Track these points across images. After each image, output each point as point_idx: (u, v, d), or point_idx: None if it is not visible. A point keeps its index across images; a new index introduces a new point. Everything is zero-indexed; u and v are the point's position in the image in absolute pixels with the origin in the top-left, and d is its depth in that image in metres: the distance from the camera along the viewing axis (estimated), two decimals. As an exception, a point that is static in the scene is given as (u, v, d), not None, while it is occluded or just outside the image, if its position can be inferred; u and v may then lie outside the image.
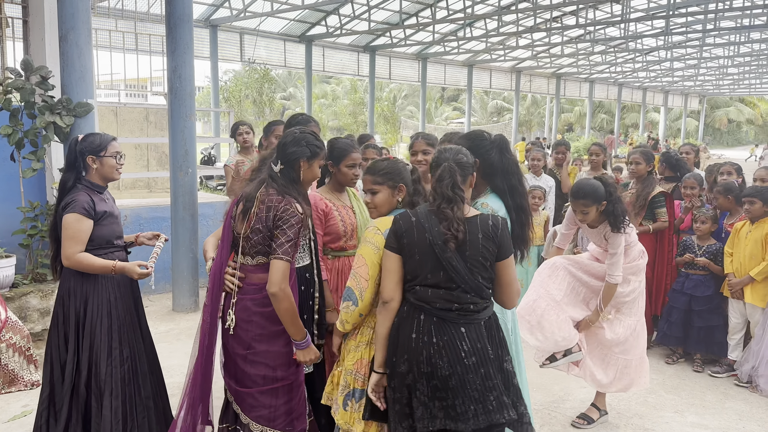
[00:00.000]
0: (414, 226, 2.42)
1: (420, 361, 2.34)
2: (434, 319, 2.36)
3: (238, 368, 2.67)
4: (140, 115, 8.31)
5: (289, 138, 2.70)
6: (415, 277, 2.41)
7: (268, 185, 2.66)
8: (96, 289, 3.08)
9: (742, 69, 32.22)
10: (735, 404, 4.33)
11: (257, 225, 2.60)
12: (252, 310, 2.64)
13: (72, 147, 3.12)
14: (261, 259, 2.65)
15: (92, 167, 3.12)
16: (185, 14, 5.95)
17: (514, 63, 27.01)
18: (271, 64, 19.89)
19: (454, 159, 2.49)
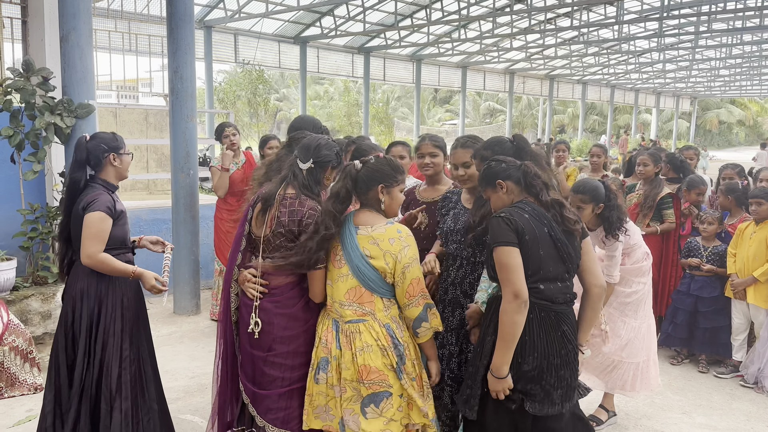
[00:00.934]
0: (531, 222, 2.46)
1: (550, 354, 2.46)
2: (552, 315, 2.48)
3: (256, 370, 2.65)
4: (140, 117, 8.25)
5: (323, 141, 2.72)
6: (537, 272, 2.44)
7: (289, 183, 2.64)
8: (110, 290, 3.05)
9: (733, 71, 32.47)
10: (742, 405, 4.34)
11: (279, 229, 2.59)
12: (273, 312, 2.62)
13: (82, 145, 3.09)
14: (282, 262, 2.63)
15: (112, 165, 3.12)
16: (186, 15, 5.91)
17: (507, 65, 27.09)
18: (266, 66, 19.84)
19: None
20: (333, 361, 2.51)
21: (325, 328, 2.57)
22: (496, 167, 2.62)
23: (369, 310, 2.51)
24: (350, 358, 2.48)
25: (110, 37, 12.91)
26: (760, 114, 48.65)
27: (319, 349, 2.57)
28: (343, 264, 2.51)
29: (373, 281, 2.49)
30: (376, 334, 2.48)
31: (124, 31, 13.71)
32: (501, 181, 2.59)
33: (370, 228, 2.52)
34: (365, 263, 2.48)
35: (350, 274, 2.50)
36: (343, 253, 2.51)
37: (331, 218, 2.49)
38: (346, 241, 2.51)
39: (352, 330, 2.50)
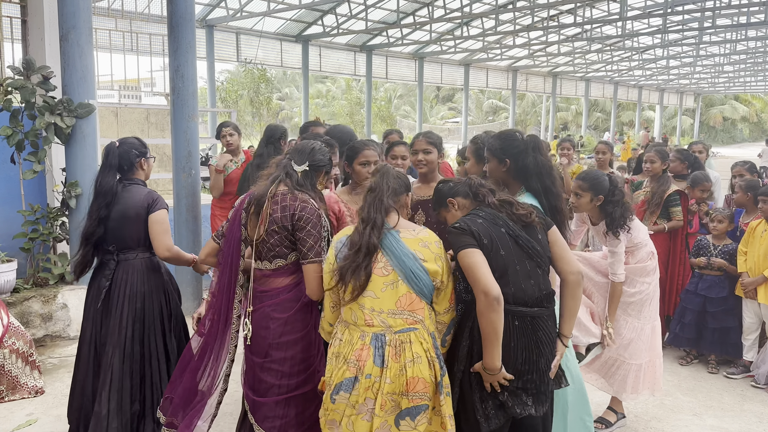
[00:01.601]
0: (486, 225, 2.45)
1: (518, 362, 2.43)
2: (528, 321, 2.45)
3: (255, 377, 2.60)
4: (141, 116, 8.19)
5: (317, 146, 2.72)
6: (504, 274, 2.41)
7: (281, 182, 2.59)
8: (171, 283, 3.36)
9: (737, 67, 32.27)
10: (753, 406, 4.26)
11: (272, 227, 2.53)
12: (270, 317, 2.56)
13: (113, 151, 3.26)
14: (280, 263, 2.58)
15: (142, 169, 3.35)
16: (187, 13, 5.84)
17: (510, 62, 26.96)
18: (268, 64, 19.75)
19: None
20: (364, 380, 2.33)
21: (357, 346, 2.37)
22: (443, 188, 2.69)
23: (420, 317, 2.40)
24: (398, 371, 2.33)
25: (111, 37, 12.86)
26: (764, 110, 48.44)
27: (343, 369, 2.37)
28: (390, 271, 2.37)
29: (427, 286, 2.39)
30: (426, 344, 2.39)
31: (125, 30, 13.65)
32: (451, 199, 2.65)
33: (413, 231, 2.45)
34: (420, 267, 2.37)
35: (400, 280, 2.37)
36: (390, 260, 2.37)
37: (384, 211, 2.41)
38: (392, 246, 2.38)
39: (402, 340, 2.36)
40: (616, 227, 3.52)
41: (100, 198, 3.21)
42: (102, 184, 3.20)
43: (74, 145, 5.26)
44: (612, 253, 3.58)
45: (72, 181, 5.25)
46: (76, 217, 5.33)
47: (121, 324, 3.17)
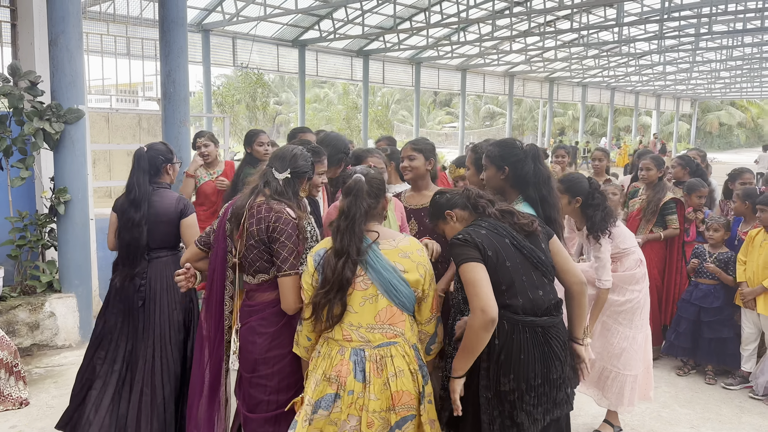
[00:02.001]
0: (490, 236, 2.40)
1: (530, 377, 2.36)
2: (539, 331, 2.40)
3: (245, 392, 2.53)
4: (132, 121, 8.11)
5: (298, 152, 2.62)
6: (511, 285, 2.37)
7: (259, 192, 2.52)
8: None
9: (733, 73, 32.33)
10: (752, 418, 4.19)
11: (250, 241, 2.46)
12: (257, 331, 2.49)
13: (143, 156, 3.40)
14: (263, 277, 2.51)
15: (168, 174, 3.53)
16: (179, 17, 5.79)
17: (507, 67, 26.96)
18: (265, 69, 19.70)
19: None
20: (346, 396, 2.26)
21: (336, 361, 2.30)
22: (440, 200, 2.65)
23: (400, 330, 2.34)
24: (381, 386, 2.27)
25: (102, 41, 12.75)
26: (760, 116, 48.54)
27: (322, 385, 2.29)
28: (369, 285, 2.30)
29: (407, 297, 2.33)
30: (407, 357, 2.33)
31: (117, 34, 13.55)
32: (449, 211, 2.60)
33: (393, 241, 2.38)
34: (400, 279, 2.31)
35: (380, 294, 2.30)
36: (368, 273, 2.30)
37: (358, 240, 2.30)
38: (371, 261, 2.31)
39: (382, 354, 2.29)
40: (597, 231, 3.46)
41: (135, 204, 3.35)
42: (141, 190, 3.35)
43: (63, 151, 5.18)
44: (596, 259, 3.52)
45: (61, 187, 5.17)
46: (65, 223, 5.25)
47: (162, 317, 3.36)
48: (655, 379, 4.74)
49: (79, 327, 5.33)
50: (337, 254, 2.28)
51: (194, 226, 3.43)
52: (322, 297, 2.27)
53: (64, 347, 5.24)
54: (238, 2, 16.36)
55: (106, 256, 6.07)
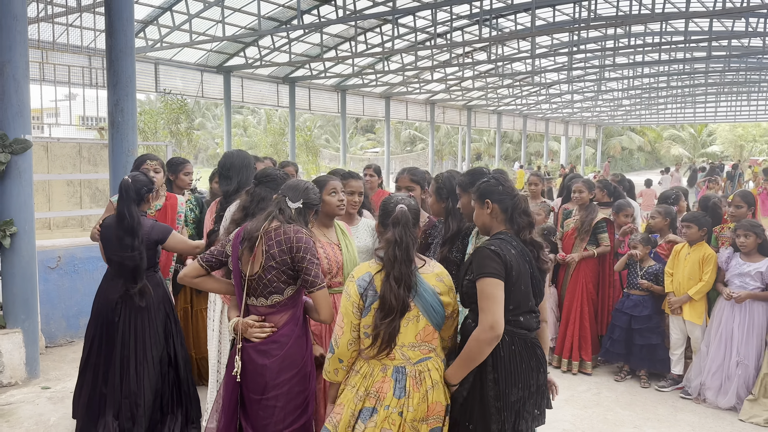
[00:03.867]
0: (517, 257, 2.54)
1: (530, 384, 2.57)
2: (530, 342, 2.63)
3: (253, 413, 2.60)
4: (73, 150, 7.87)
5: (309, 185, 2.81)
6: (518, 306, 2.55)
7: (274, 218, 2.63)
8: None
9: (633, 101, 35.02)
10: (686, 416, 4.64)
11: (269, 263, 2.56)
12: (268, 354, 2.58)
13: (130, 186, 3.65)
14: (277, 298, 2.61)
15: (148, 203, 3.86)
16: (127, 47, 5.76)
17: (428, 95, 27.88)
18: (188, 95, 19.39)
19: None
20: (382, 411, 2.42)
21: (378, 379, 2.47)
22: (493, 186, 2.71)
23: (433, 347, 2.54)
24: (419, 399, 2.45)
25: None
26: (656, 140, 52.48)
27: (364, 401, 2.46)
28: (413, 307, 2.46)
29: (442, 317, 2.53)
30: (440, 370, 2.53)
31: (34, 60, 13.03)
32: (489, 201, 2.68)
33: (429, 266, 2.57)
34: (438, 301, 2.50)
35: (421, 315, 2.48)
36: (414, 297, 2.46)
37: (414, 267, 2.48)
38: (416, 285, 2.46)
39: (420, 369, 2.48)
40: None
41: (135, 230, 3.62)
42: (134, 218, 3.61)
43: (9, 182, 5.03)
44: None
45: (6, 219, 5.00)
46: (10, 257, 5.08)
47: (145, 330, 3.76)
48: (596, 385, 5.18)
49: (25, 363, 5.12)
50: (397, 281, 2.42)
51: (179, 243, 3.85)
52: (387, 325, 2.40)
53: (9, 385, 5.02)
54: (162, 29, 16.15)
55: (47, 289, 5.89)
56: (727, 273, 4.90)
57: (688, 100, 34.42)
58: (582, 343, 5.55)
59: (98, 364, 3.82)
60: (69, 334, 6.18)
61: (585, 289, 5.63)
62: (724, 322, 4.86)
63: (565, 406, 4.75)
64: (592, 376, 5.47)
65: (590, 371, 5.51)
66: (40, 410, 4.61)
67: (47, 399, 4.82)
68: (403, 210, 2.52)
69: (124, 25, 5.71)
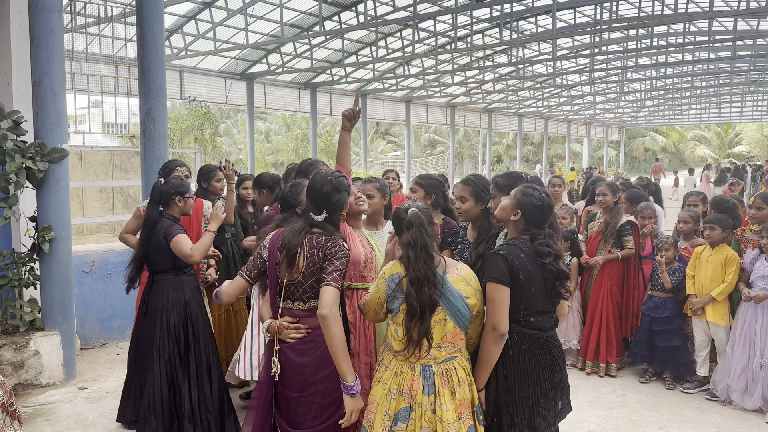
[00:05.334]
0: (526, 260, 2.66)
1: (542, 381, 2.67)
2: (542, 342, 2.75)
3: (290, 409, 2.70)
4: (105, 158, 8.11)
5: (328, 186, 2.73)
6: (529, 306, 2.68)
7: (309, 233, 2.71)
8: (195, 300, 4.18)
9: (656, 102, 34.63)
10: (711, 418, 4.65)
11: (309, 269, 2.66)
12: (306, 354, 2.68)
13: (156, 188, 4.01)
14: (314, 303, 2.69)
15: (178, 206, 4.02)
16: (158, 58, 5.95)
17: (448, 99, 27.89)
18: (212, 102, 19.72)
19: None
20: (417, 409, 2.51)
21: (408, 377, 2.56)
22: (534, 206, 2.77)
23: (459, 347, 2.64)
24: (449, 396, 2.53)
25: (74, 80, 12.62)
26: (680, 141, 51.80)
27: (398, 400, 2.55)
28: (440, 310, 2.54)
29: (468, 319, 2.61)
30: (466, 369, 2.63)
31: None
32: (520, 213, 2.79)
33: (456, 269, 2.64)
34: (465, 305, 2.58)
35: (448, 318, 2.56)
36: (441, 300, 2.54)
37: (434, 264, 2.55)
38: (443, 289, 2.54)
39: (447, 368, 2.58)
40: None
41: (145, 228, 3.99)
42: (147, 216, 4.01)
43: (47, 190, 5.23)
44: None
45: (45, 225, 5.19)
46: (48, 261, 5.27)
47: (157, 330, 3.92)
48: (621, 387, 5.21)
49: (63, 364, 5.31)
50: (412, 283, 2.50)
51: (177, 244, 3.83)
52: (417, 325, 2.49)
53: (48, 386, 5.21)
54: (186, 37, 16.46)
55: (81, 293, 6.08)
56: (752, 274, 4.90)
57: (712, 100, 33.93)
58: (607, 346, 5.57)
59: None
60: (103, 336, 6.37)
61: (610, 291, 5.66)
62: (748, 323, 4.86)
63: (590, 408, 4.79)
64: (617, 378, 5.49)
65: (615, 373, 5.53)
66: (78, 410, 4.78)
67: (84, 399, 5.00)
68: (414, 212, 2.60)
69: (155, 37, 5.90)
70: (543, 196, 2.83)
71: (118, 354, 6.08)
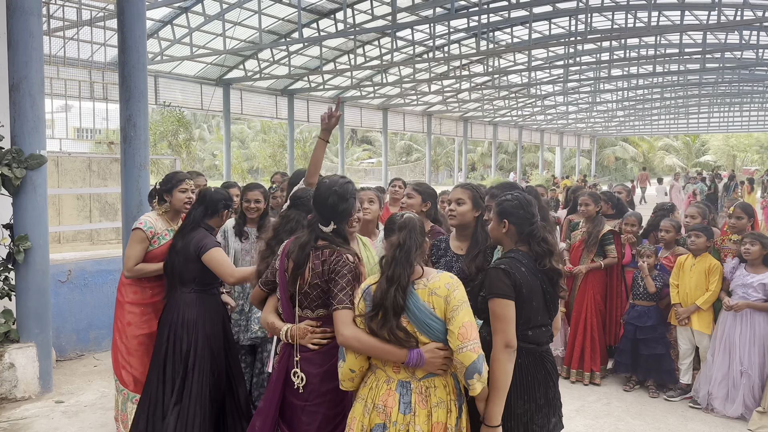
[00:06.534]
0: (528, 275, 2.61)
1: (537, 397, 2.61)
2: (538, 356, 2.69)
3: (297, 418, 2.66)
4: (83, 165, 7.91)
5: (334, 197, 2.68)
6: (528, 321, 2.63)
7: (315, 248, 2.67)
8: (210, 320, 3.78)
9: (627, 112, 35.34)
10: (695, 425, 4.71)
11: (315, 280, 2.63)
12: (315, 363, 2.64)
13: (205, 195, 3.79)
14: (321, 312, 2.67)
15: (221, 219, 3.86)
16: (140, 63, 5.83)
17: (425, 107, 28.05)
18: (188, 107, 19.50)
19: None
20: (392, 427, 2.38)
21: (383, 391, 2.44)
22: (515, 208, 2.74)
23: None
24: (425, 417, 2.39)
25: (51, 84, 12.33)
26: (650, 151, 52.87)
27: (373, 414, 2.43)
28: (407, 323, 2.42)
29: (443, 333, 2.42)
30: (448, 387, 2.46)
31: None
32: (506, 222, 2.76)
33: (425, 280, 2.47)
34: (433, 318, 2.41)
35: (417, 332, 2.42)
36: (405, 313, 2.42)
37: (410, 270, 2.45)
38: (408, 302, 2.42)
39: (427, 386, 2.43)
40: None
41: (182, 229, 3.74)
42: (190, 215, 3.74)
43: (24, 198, 5.08)
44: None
45: (21, 234, 5.04)
46: (24, 271, 5.12)
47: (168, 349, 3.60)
48: (606, 395, 5.24)
49: (39, 377, 5.14)
50: (388, 281, 2.42)
51: (213, 261, 3.55)
52: (377, 322, 2.41)
53: (23, 399, 5.04)
54: (162, 42, 16.26)
55: (57, 303, 5.92)
56: (732, 283, 4.99)
57: (681, 111, 34.75)
58: (591, 354, 5.61)
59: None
60: (79, 347, 6.20)
61: (593, 300, 5.71)
62: (728, 331, 4.94)
63: (577, 417, 4.81)
64: (602, 386, 5.53)
65: (599, 381, 5.57)
66: (56, 424, 4.63)
67: (62, 413, 4.85)
68: (410, 217, 2.59)
69: (136, 42, 5.78)
70: (517, 194, 2.82)
71: (95, 366, 5.92)
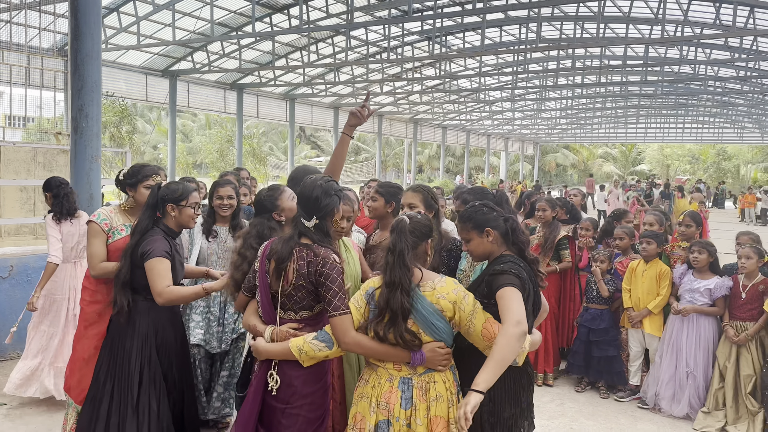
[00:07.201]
0: (528, 280, 2.63)
1: (522, 401, 2.66)
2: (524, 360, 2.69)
3: (277, 421, 2.60)
4: (27, 155, 7.49)
5: (318, 191, 2.64)
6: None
7: (298, 244, 2.62)
8: (156, 333, 3.39)
9: (570, 120, 36.50)
10: (645, 425, 4.89)
11: (299, 281, 2.57)
12: (297, 366, 2.58)
13: (153, 191, 3.36)
14: (305, 313, 2.63)
15: (170, 216, 3.37)
16: (94, 51, 5.59)
17: (376, 108, 28.11)
18: (132, 98, 18.84)
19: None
20: (396, 423, 2.46)
21: (385, 389, 2.51)
22: (487, 214, 2.77)
23: None
24: (425, 411, 2.47)
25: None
26: (589, 158, 54.73)
27: (377, 413, 2.50)
28: (412, 324, 2.49)
29: (446, 333, 2.53)
30: (447, 382, 2.54)
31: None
32: (490, 230, 2.75)
33: (432, 283, 2.54)
34: (440, 319, 2.50)
35: (422, 332, 2.49)
36: (413, 315, 2.49)
37: (408, 272, 2.47)
38: (415, 303, 2.48)
39: (426, 380, 2.51)
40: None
41: (133, 236, 3.35)
42: (138, 222, 3.36)
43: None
44: None
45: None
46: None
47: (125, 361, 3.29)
48: (559, 396, 5.39)
49: (-22, 379, 4.86)
50: (387, 286, 2.45)
51: (152, 271, 3.15)
52: (384, 326, 2.45)
53: (-39, 403, 4.75)
54: (108, 30, 15.65)
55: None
56: (680, 288, 5.21)
57: (620, 120, 36.16)
58: (545, 356, 5.75)
59: None
60: (21, 347, 5.87)
61: (547, 303, 5.84)
62: (675, 334, 5.16)
63: (533, 417, 4.91)
64: (554, 387, 5.67)
65: (552, 383, 5.71)
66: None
67: (4, 416, 4.61)
68: (401, 219, 2.60)
69: (91, 29, 5.55)
70: (478, 201, 2.93)
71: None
